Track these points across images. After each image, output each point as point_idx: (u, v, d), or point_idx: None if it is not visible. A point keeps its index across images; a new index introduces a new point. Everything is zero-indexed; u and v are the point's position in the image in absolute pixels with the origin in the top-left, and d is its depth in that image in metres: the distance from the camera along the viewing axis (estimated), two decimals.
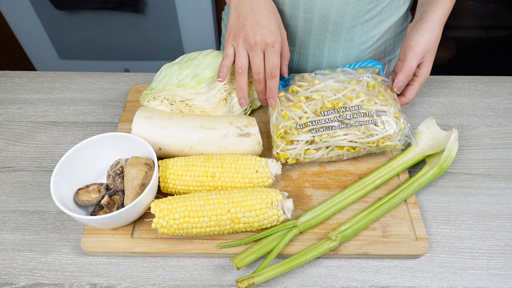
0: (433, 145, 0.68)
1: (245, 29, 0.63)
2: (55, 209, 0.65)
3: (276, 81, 0.66)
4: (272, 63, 0.64)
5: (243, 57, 0.64)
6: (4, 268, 0.59)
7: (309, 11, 0.73)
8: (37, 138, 0.76)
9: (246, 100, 0.68)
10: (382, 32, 0.80)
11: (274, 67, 0.64)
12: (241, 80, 0.66)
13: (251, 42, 0.63)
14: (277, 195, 0.58)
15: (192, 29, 1.73)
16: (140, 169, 0.59)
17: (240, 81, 0.66)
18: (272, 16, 0.65)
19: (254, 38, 0.62)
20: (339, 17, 0.73)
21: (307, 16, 0.74)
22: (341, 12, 0.72)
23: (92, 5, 1.59)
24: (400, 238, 0.60)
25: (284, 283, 0.57)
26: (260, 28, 0.63)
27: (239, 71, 0.65)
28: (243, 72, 0.65)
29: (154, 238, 0.60)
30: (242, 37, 0.63)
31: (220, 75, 0.66)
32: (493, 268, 0.59)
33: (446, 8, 0.70)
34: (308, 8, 0.72)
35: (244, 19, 0.64)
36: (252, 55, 0.64)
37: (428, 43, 0.68)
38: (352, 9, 0.72)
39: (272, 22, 0.64)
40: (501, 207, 0.66)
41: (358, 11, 0.73)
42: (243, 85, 0.66)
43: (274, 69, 0.65)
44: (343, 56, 0.81)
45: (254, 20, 0.63)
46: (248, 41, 0.63)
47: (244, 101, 0.68)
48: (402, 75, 0.69)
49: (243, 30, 0.63)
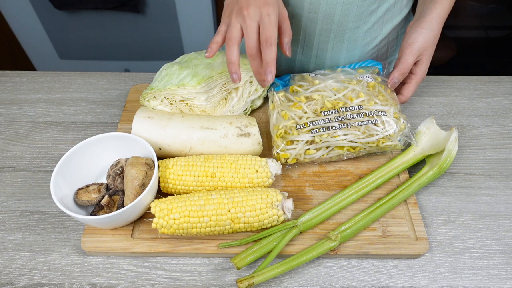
0: (433, 145, 0.68)
1: (239, 3, 0.59)
2: (55, 209, 0.65)
3: (273, 51, 0.58)
4: (268, 32, 0.57)
5: (235, 28, 0.58)
6: (4, 268, 0.59)
7: (314, 10, 0.72)
8: (37, 138, 0.76)
9: (238, 74, 0.60)
10: (385, 33, 0.80)
11: (269, 36, 0.57)
12: (231, 52, 0.59)
13: (244, 13, 0.58)
14: (277, 195, 0.58)
15: (192, 29, 1.73)
16: (140, 169, 0.59)
17: (229, 53, 0.59)
18: None
19: (247, 9, 0.57)
20: (343, 17, 0.73)
21: (312, 16, 0.74)
22: (345, 12, 0.72)
23: (92, 5, 1.59)
24: (400, 238, 0.60)
25: (284, 283, 0.57)
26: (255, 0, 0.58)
27: (229, 42, 0.59)
28: (233, 43, 0.59)
29: (154, 238, 0.60)
30: (236, 11, 0.59)
31: (208, 50, 0.61)
32: (493, 268, 0.59)
33: (446, 7, 0.70)
34: (313, 8, 0.72)
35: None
36: (245, 26, 0.58)
37: (426, 41, 0.68)
38: (356, 9, 0.72)
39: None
40: (501, 207, 0.66)
41: (362, 11, 0.73)
42: (232, 57, 0.59)
43: (269, 38, 0.57)
44: (346, 57, 0.81)
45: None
46: (242, 13, 0.58)
47: (236, 75, 0.60)
48: (397, 71, 0.69)
49: (237, 4, 0.59)
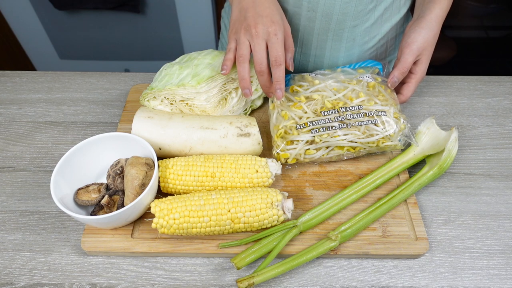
0: (433, 145, 0.68)
1: (246, 20, 0.62)
2: (55, 209, 0.65)
3: (282, 70, 0.62)
4: (276, 51, 0.61)
5: (245, 46, 0.62)
6: (4, 268, 0.59)
7: (313, 9, 0.73)
8: (37, 138, 0.76)
9: (250, 89, 0.64)
10: (383, 32, 0.80)
11: (278, 56, 0.61)
12: (242, 68, 0.63)
13: (252, 32, 0.61)
14: (277, 195, 0.58)
15: (192, 29, 1.73)
16: (140, 169, 0.59)
17: (241, 70, 0.63)
18: (274, 7, 0.64)
19: (255, 27, 0.61)
20: (341, 15, 0.73)
21: (310, 15, 0.74)
22: (343, 10, 0.72)
23: (92, 5, 1.59)
24: (400, 238, 0.60)
25: (284, 283, 0.57)
26: (262, 18, 0.62)
27: (240, 59, 0.62)
28: (244, 60, 0.62)
29: (154, 238, 0.60)
30: (244, 28, 0.62)
31: (223, 67, 0.64)
32: (493, 268, 0.59)
33: (444, 7, 0.70)
34: (312, 6, 0.72)
35: (246, 12, 0.63)
36: (254, 44, 0.61)
37: (426, 41, 0.68)
38: (354, 8, 0.72)
39: (274, 12, 0.63)
40: (501, 207, 0.66)
41: (360, 10, 0.73)
42: (244, 74, 0.63)
43: (278, 58, 0.62)
44: (344, 56, 0.81)
45: (255, 11, 0.62)
46: (250, 31, 0.61)
47: (248, 91, 0.64)
48: (397, 71, 0.69)
49: (245, 21, 0.62)
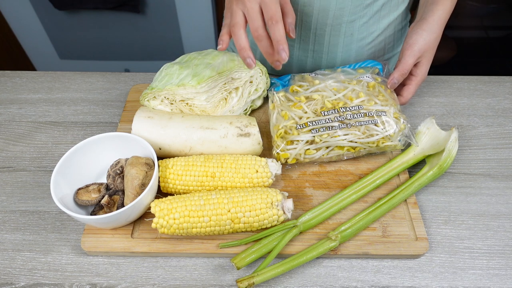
0: (433, 145, 0.68)
1: None
2: (55, 209, 0.65)
3: (280, 28, 0.56)
4: (270, 9, 0.55)
5: (237, 15, 0.57)
6: (4, 268, 0.59)
7: (309, 4, 0.73)
8: (37, 138, 0.76)
9: (252, 58, 0.58)
10: (381, 28, 0.80)
11: (273, 13, 0.55)
12: (238, 36, 0.57)
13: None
14: (277, 195, 0.58)
15: (192, 29, 1.73)
16: (140, 169, 0.59)
17: (237, 38, 0.57)
18: None
19: None
20: (338, 10, 0.73)
21: (307, 10, 0.74)
22: (340, 5, 0.72)
23: (92, 5, 1.59)
24: (400, 238, 0.60)
25: (284, 283, 0.57)
26: None
27: (234, 28, 0.57)
28: (238, 28, 0.57)
29: (154, 238, 0.60)
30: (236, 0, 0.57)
31: (219, 42, 0.60)
32: (493, 268, 0.59)
33: (447, 9, 0.70)
34: (308, 1, 0.73)
35: None
36: (247, 10, 0.56)
37: (427, 43, 0.68)
38: (351, 3, 0.72)
39: None
40: (501, 207, 0.66)
41: (357, 5, 0.73)
42: (241, 42, 0.57)
43: (274, 15, 0.55)
44: (342, 52, 0.81)
45: None
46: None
47: (250, 59, 0.58)
48: (397, 72, 0.69)
49: None
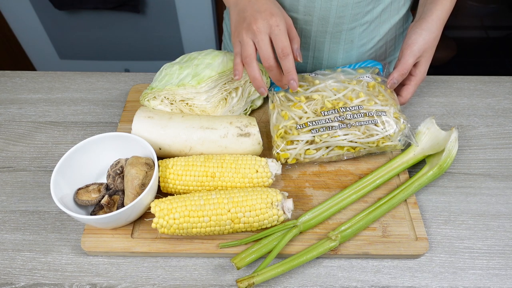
0: (433, 145, 0.68)
1: (246, 20, 0.61)
2: (55, 209, 0.65)
3: (290, 60, 0.61)
4: (281, 42, 0.60)
5: (249, 46, 0.61)
6: (4, 268, 0.59)
7: (309, 13, 0.72)
8: (37, 138, 0.76)
9: (264, 88, 0.63)
10: (382, 34, 0.80)
11: (284, 46, 0.60)
12: (252, 69, 0.61)
13: (253, 29, 0.60)
14: (277, 195, 0.58)
15: (192, 29, 1.73)
16: (140, 169, 0.59)
17: (251, 70, 0.62)
18: (271, 2, 0.62)
19: (255, 24, 0.60)
20: (338, 18, 0.73)
21: (307, 18, 0.74)
22: (340, 14, 0.72)
23: (92, 5, 1.59)
24: (400, 238, 0.60)
25: (284, 283, 0.57)
26: (260, 13, 0.60)
27: (247, 59, 0.61)
28: (251, 60, 0.61)
29: (154, 238, 0.60)
30: (245, 28, 0.61)
31: (235, 73, 0.64)
32: (493, 268, 0.59)
33: (446, 8, 0.70)
34: (308, 11, 0.72)
35: (244, 12, 0.62)
36: (257, 40, 0.60)
37: (426, 42, 0.68)
38: (351, 11, 0.72)
39: (271, 6, 0.61)
40: (501, 207, 0.66)
41: (357, 12, 0.72)
42: (255, 74, 0.62)
43: (285, 48, 0.60)
44: (343, 58, 0.81)
45: (253, 9, 0.61)
46: (251, 29, 0.60)
47: (263, 89, 0.63)
48: (396, 72, 0.68)
49: (244, 21, 0.61)
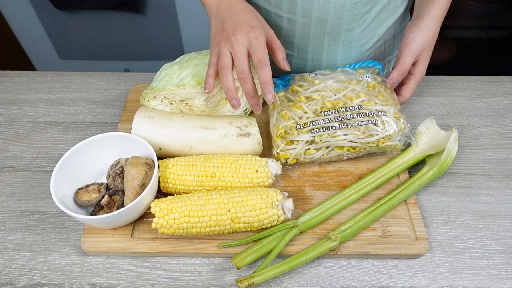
0: (433, 145, 0.68)
1: (225, 30, 0.60)
2: (55, 209, 0.65)
3: (267, 71, 0.59)
4: (259, 53, 0.58)
5: (226, 56, 0.60)
6: (4, 268, 0.59)
7: (307, 15, 0.72)
8: (37, 138, 0.76)
9: (237, 100, 0.61)
10: (380, 33, 0.80)
11: (262, 57, 0.58)
12: (226, 79, 0.60)
13: (232, 40, 0.59)
14: (277, 195, 0.58)
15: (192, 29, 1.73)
16: (140, 169, 0.59)
17: (225, 81, 0.60)
18: (252, 14, 0.62)
19: (234, 35, 0.59)
20: (336, 20, 0.73)
21: (305, 21, 0.74)
22: (338, 15, 0.72)
23: (92, 5, 1.59)
24: (400, 238, 0.60)
25: (284, 283, 0.57)
26: (240, 25, 0.59)
27: (222, 70, 0.60)
28: (227, 71, 0.59)
29: (154, 238, 0.60)
30: (224, 39, 0.60)
31: (206, 86, 0.62)
32: (493, 268, 0.59)
33: (443, 6, 0.70)
34: (306, 13, 0.72)
35: (223, 23, 0.61)
36: (234, 51, 0.59)
37: (424, 41, 0.68)
38: (349, 12, 0.72)
39: (252, 18, 0.61)
40: (501, 207, 0.66)
41: (354, 13, 0.72)
42: (229, 85, 0.60)
43: (262, 59, 0.58)
44: (342, 59, 0.81)
45: (233, 20, 0.60)
46: (229, 40, 0.59)
47: (236, 101, 0.61)
48: (396, 72, 0.68)
49: (224, 32, 0.60)
